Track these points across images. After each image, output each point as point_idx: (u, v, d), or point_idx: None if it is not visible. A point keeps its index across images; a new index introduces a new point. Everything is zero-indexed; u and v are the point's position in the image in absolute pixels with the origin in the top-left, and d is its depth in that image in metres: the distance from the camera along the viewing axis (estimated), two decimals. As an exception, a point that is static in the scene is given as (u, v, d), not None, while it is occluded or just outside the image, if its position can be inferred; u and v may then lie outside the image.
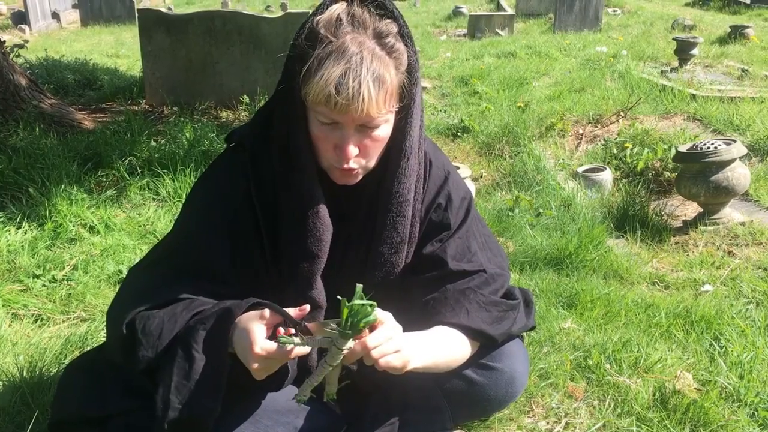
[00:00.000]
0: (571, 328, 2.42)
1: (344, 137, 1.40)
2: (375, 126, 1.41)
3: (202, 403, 1.35)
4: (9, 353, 2.29)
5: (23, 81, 5.11)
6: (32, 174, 3.76)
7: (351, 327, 1.26)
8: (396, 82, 1.40)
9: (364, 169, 1.49)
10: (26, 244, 3.14)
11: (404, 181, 1.54)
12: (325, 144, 1.43)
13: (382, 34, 1.38)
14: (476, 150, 5.08)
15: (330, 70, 1.32)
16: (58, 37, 12.74)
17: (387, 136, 1.48)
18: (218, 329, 1.37)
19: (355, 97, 1.32)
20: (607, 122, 5.46)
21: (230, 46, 5.77)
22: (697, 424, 1.90)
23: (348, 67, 1.32)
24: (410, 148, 1.52)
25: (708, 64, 7.91)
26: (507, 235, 3.43)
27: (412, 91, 1.46)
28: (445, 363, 1.56)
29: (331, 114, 1.36)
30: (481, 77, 7.14)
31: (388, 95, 1.38)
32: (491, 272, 1.65)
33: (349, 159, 1.42)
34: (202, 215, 1.57)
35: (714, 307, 2.61)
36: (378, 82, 1.34)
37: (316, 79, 1.33)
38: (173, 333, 1.41)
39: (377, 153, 1.48)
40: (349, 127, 1.39)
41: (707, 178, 3.53)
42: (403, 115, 1.48)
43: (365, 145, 1.43)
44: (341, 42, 1.34)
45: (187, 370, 1.36)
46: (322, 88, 1.33)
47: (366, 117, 1.36)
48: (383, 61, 1.36)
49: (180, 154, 4.21)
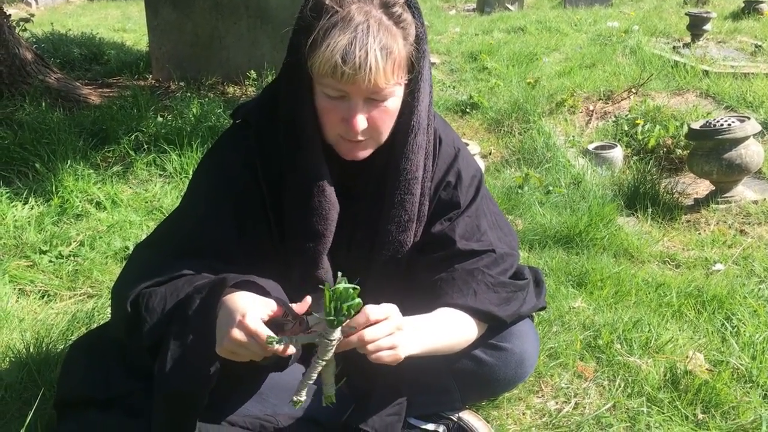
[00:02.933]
0: (581, 308, 2.40)
1: (352, 109, 1.37)
2: (383, 98, 1.38)
3: (196, 369, 1.32)
4: (16, 329, 2.29)
5: (29, 55, 5.08)
6: (38, 149, 3.74)
7: (335, 313, 1.22)
8: (404, 53, 1.36)
9: (375, 142, 1.46)
10: (33, 219, 3.13)
11: (412, 158, 1.51)
12: (332, 117, 1.40)
13: (389, 4, 1.35)
14: (485, 127, 5.03)
15: (336, 39, 1.29)
16: (65, 11, 12.67)
17: (396, 109, 1.44)
18: (212, 295, 1.34)
19: (362, 66, 1.28)
20: (618, 99, 5.39)
21: (237, 20, 5.70)
22: (709, 405, 1.88)
23: (354, 36, 1.29)
24: (418, 123, 1.49)
25: (721, 39, 7.78)
26: (516, 212, 3.39)
27: (420, 64, 1.42)
28: (446, 347, 1.53)
29: (338, 85, 1.33)
30: (490, 53, 7.05)
31: (396, 66, 1.34)
32: (500, 252, 1.63)
33: (357, 131, 1.38)
34: (208, 192, 1.54)
35: (726, 286, 2.58)
36: (385, 51, 1.31)
37: (321, 49, 1.30)
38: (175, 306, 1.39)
39: (387, 126, 1.45)
40: (357, 98, 1.36)
41: (720, 155, 3.48)
42: (411, 89, 1.45)
43: (374, 118, 1.40)
44: (347, 12, 1.31)
45: (183, 338, 1.33)
46: (328, 58, 1.29)
47: (374, 87, 1.33)
48: (390, 31, 1.33)
49: (186, 130, 4.18)
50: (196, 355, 1.32)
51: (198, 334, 1.33)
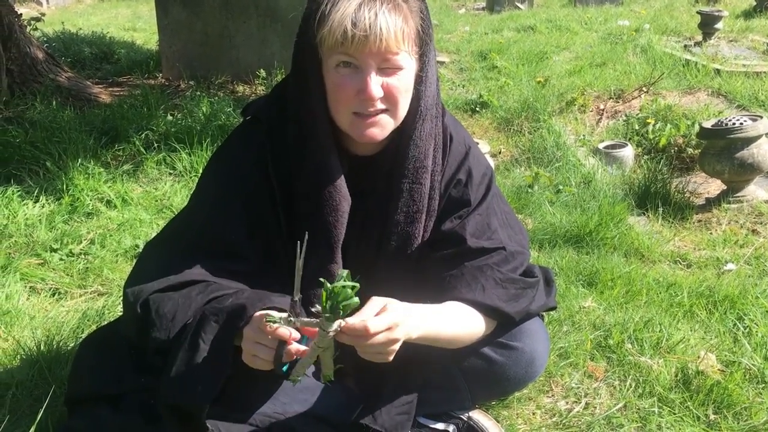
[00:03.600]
0: (591, 307, 2.38)
1: (365, 78, 1.36)
2: (395, 66, 1.38)
3: (195, 391, 1.33)
4: (27, 327, 2.30)
5: (40, 54, 5.11)
6: (49, 148, 3.76)
7: (331, 310, 1.23)
8: (413, 24, 1.38)
9: (391, 118, 1.44)
10: (44, 217, 3.15)
11: (420, 145, 1.51)
12: (346, 91, 1.38)
13: None
14: (495, 125, 5.01)
15: (344, 5, 1.32)
16: (75, 11, 12.73)
17: (409, 85, 1.44)
18: (228, 325, 1.35)
19: (372, 26, 1.30)
20: (629, 97, 5.36)
21: (246, 19, 5.71)
22: (721, 406, 1.86)
23: (362, 2, 1.31)
24: (426, 110, 1.49)
25: (732, 38, 7.73)
26: (526, 212, 3.38)
27: (427, 43, 1.43)
28: (449, 337, 1.52)
29: (349, 51, 1.34)
30: (500, 51, 7.03)
31: (406, 35, 1.36)
32: (510, 250, 1.62)
33: (373, 97, 1.37)
34: (218, 191, 1.54)
35: (737, 286, 2.56)
36: (394, 14, 1.33)
37: (331, 17, 1.32)
38: (187, 317, 1.39)
39: (402, 98, 1.43)
40: (369, 65, 1.36)
41: (732, 154, 3.46)
42: (419, 71, 1.45)
43: (388, 86, 1.39)
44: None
45: (190, 357, 1.34)
46: (338, 24, 1.31)
47: (385, 52, 1.34)
48: (397, 4, 1.35)
49: (196, 129, 4.19)
50: (202, 377, 1.33)
51: (209, 359, 1.34)
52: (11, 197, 3.27)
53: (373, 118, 1.41)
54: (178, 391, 1.35)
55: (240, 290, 1.43)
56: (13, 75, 4.82)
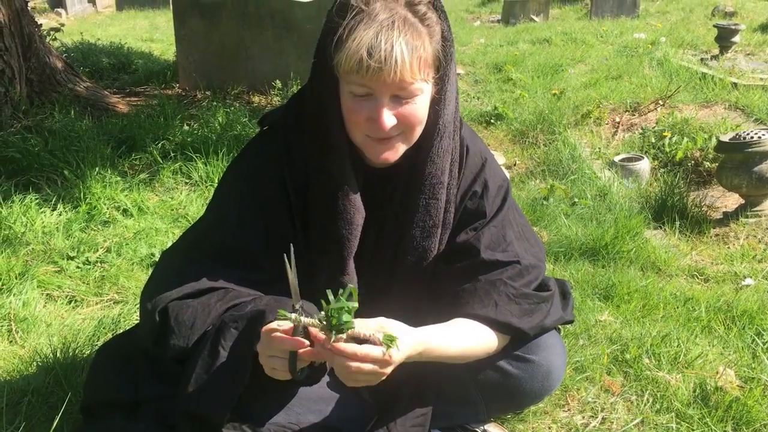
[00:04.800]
0: (607, 321, 2.37)
1: (378, 107, 1.36)
2: (409, 95, 1.37)
3: (216, 398, 1.34)
4: (43, 334, 2.32)
5: (59, 64, 5.16)
6: (67, 156, 3.79)
7: (329, 324, 1.22)
8: (430, 50, 1.36)
9: (405, 141, 1.44)
10: (61, 225, 3.17)
11: (437, 162, 1.50)
12: (359, 116, 1.39)
13: (414, 2, 1.36)
14: (510, 138, 5.01)
15: (361, 34, 1.30)
16: (94, 21, 12.87)
17: (425, 108, 1.43)
18: (248, 332, 1.35)
19: (387, 58, 1.28)
20: (645, 110, 5.34)
21: (263, 30, 5.75)
22: (740, 423, 1.84)
23: (379, 31, 1.29)
24: (444, 127, 1.48)
25: (750, 51, 7.70)
26: (541, 224, 3.37)
27: (447, 65, 1.42)
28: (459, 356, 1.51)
29: (364, 81, 1.33)
30: (515, 64, 7.03)
31: (423, 62, 1.34)
32: (525, 263, 1.61)
33: (385, 128, 1.37)
34: (235, 200, 1.55)
35: (756, 301, 2.53)
36: (410, 45, 1.31)
37: (347, 44, 1.31)
38: (206, 324, 1.40)
39: (417, 123, 1.43)
40: (383, 95, 1.35)
41: (750, 168, 3.43)
42: (437, 92, 1.44)
43: (402, 114, 1.38)
44: (372, 9, 1.32)
45: (210, 364, 1.35)
46: (354, 52, 1.30)
47: (400, 82, 1.32)
48: (416, 28, 1.34)
49: (212, 139, 4.22)
50: (222, 385, 1.34)
51: (229, 366, 1.34)
52: (29, 205, 3.29)
53: (385, 142, 1.42)
54: (199, 398, 1.35)
55: (258, 297, 1.43)
56: (33, 84, 4.87)
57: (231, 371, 1.34)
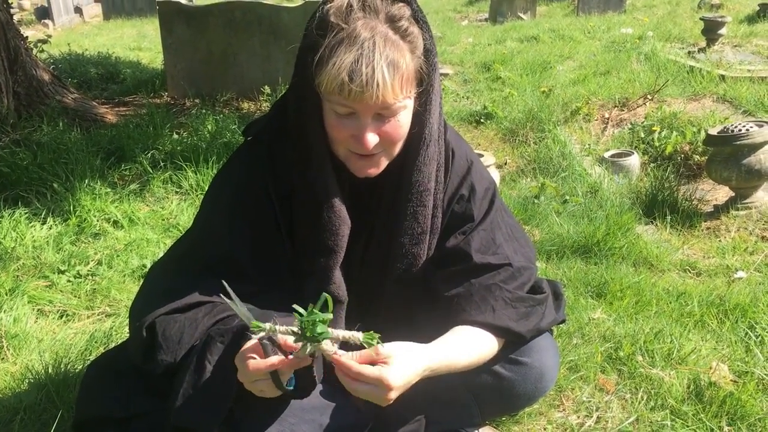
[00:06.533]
0: (600, 319, 2.37)
1: (361, 126, 1.36)
2: (392, 113, 1.36)
3: (204, 413, 1.33)
4: (34, 350, 2.30)
5: (46, 76, 5.14)
6: (56, 169, 3.78)
7: (304, 338, 1.21)
8: (412, 67, 1.35)
9: (387, 156, 1.45)
10: (51, 239, 3.16)
11: (424, 170, 1.50)
12: (342, 133, 1.38)
13: (395, 18, 1.33)
14: (500, 137, 5.01)
15: (342, 57, 1.28)
16: (81, 32, 12.83)
17: (407, 123, 1.43)
18: (235, 346, 1.34)
19: (369, 83, 1.27)
20: (634, 105, 5.35)
21: (250, 36, 5.74)
22: (734, 418, 1.84)
23: (360, 53, 1.27)
24: (430, 135, 1.48)
25: (737, 43, 7.72)
26: (533, 223, 3.37)
27: (430, 77, 1.41)
28: (463, 367, 1.50)
29: (346, 102, 1.32)
30: (503, 62, 7.04)
31: (405, 80, 1.33)
32: (517, 266, 1.61)
33: (368, 148, 1.37)
34: (221, 211, 1.54)
35: (748, 294, 2.54)
36: (392, 67, 1.29)
37: (328, 67, 1.29)
38: (193, 338, 1.39)
39: (399, 140, 1.43)
40: (366, 115, 1.35)
41: (739, 161, 3.44)
42: (421, 102, 1.44)
43: (384, 132, 1.38)
44: (352, 28, 1.30)
45: (196, 379, 1.34)
46: (334, 76, 1.28)
47: (382, 103, 1.32)
48: (397, 46, 1.32)
49: (202, 147, 4.21)
50: (209, 399, 1.33)
51: (216, 380, 1.33)
52: (19, 219, 3.28)
53: (368, 158, 1.42)
54: (186, 414, 1.34)
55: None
56: (20, 98, 4.85)
57: (218, 385, 1.33)
